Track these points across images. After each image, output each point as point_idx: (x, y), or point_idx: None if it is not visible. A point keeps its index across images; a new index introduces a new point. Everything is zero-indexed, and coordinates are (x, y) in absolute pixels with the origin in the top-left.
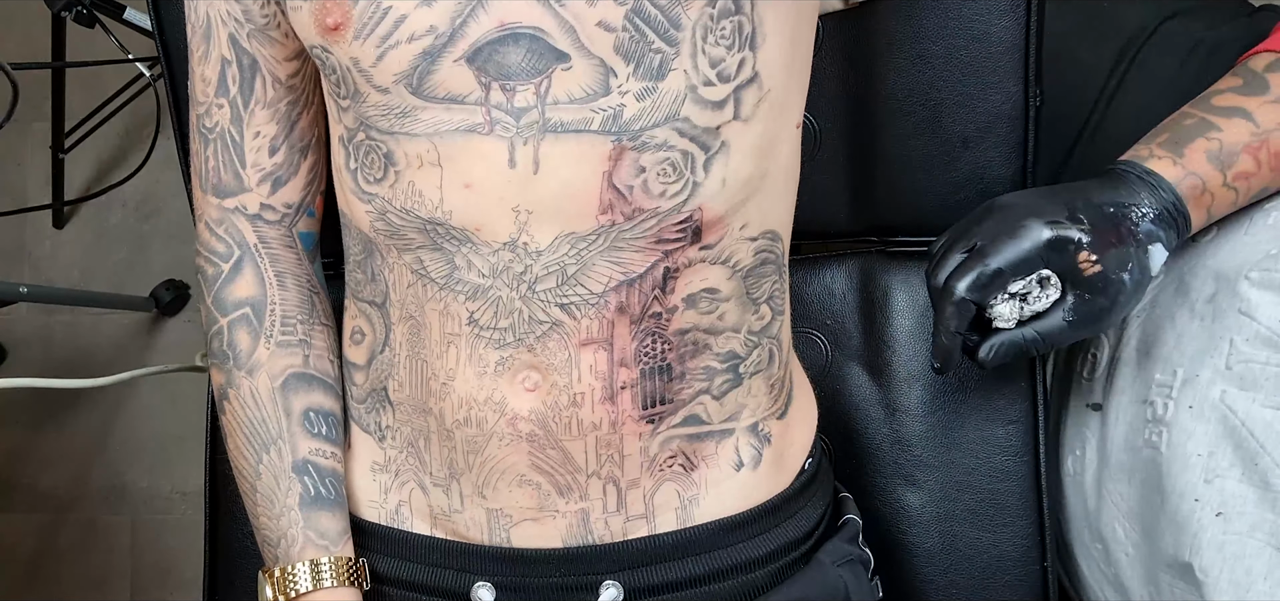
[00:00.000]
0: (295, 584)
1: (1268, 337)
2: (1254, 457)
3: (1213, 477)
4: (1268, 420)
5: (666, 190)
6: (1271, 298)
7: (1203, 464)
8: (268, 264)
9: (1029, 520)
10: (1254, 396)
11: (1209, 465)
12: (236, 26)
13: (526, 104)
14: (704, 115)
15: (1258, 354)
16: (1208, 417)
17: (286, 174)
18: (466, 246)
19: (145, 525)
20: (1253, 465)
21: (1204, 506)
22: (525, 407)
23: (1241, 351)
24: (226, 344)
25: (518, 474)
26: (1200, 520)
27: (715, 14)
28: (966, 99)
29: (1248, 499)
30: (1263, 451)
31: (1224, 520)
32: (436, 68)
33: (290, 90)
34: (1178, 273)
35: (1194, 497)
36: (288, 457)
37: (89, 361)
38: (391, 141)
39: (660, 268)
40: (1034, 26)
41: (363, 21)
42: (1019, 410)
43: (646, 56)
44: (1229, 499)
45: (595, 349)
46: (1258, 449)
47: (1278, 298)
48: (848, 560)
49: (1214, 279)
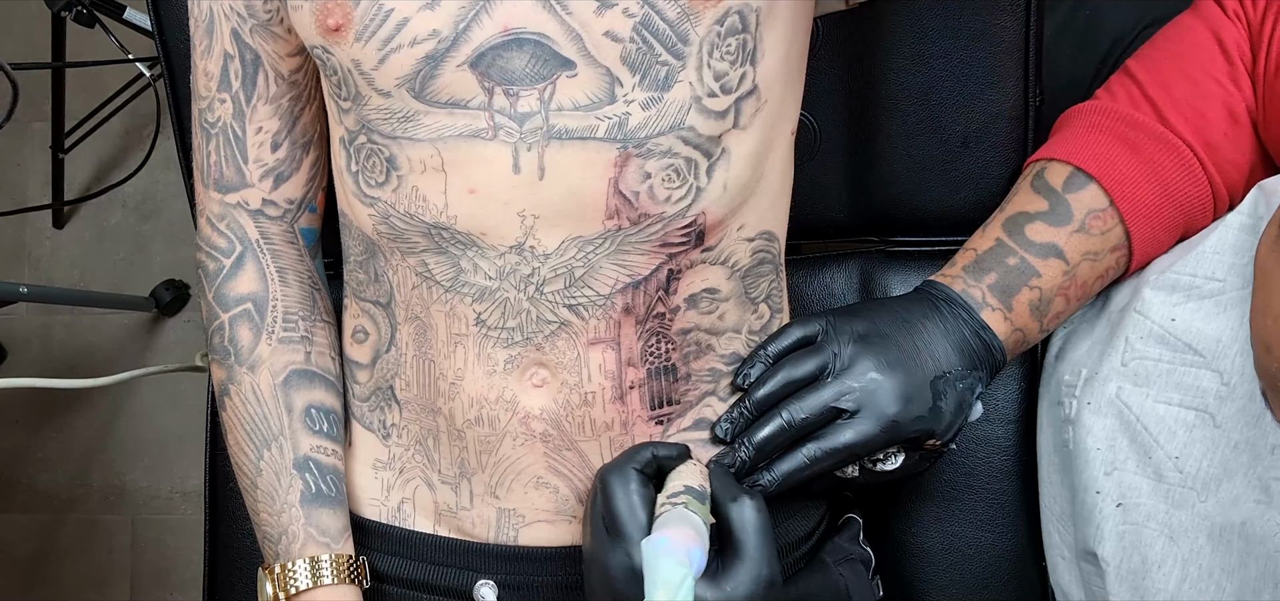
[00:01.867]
0: (295, 580)
1: (1160, 335)
2: (1148, 450)
3: (1112, 470)
4: (1160, 415)
5: (672, 195)
6: (1164, 296)
7: (1103, 457)
8: (269, 259)
9: (1027, 520)
10: (1147, 392)
11: (1108, 458)
12: (239, 21)
13: (530, 109)
14: (707, 124)
15: (1150, 351)
16: (1106, 413)
17: (288, 169)
18: (472, 250)
19: (145, 525)
20: (1147, 458)
21: (1105, 497)
22: (536, 405)
23: (1136, 348)
24: (228, 339)
25: (534, 476)
26: (1103, 511)
27: (722, 32)
28: (966, 99)
29: (1143, 490)
30: (1156, 444)
31: (1123, 510)
32: (439, 72)
33: (293, 86)
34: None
35: (1096, 490)
36: (289, 454)
37: (89, 361)
38: (394, 145)
39: (664, 270)
40: (1034, 26)
41: (364, 23)
42: (1019, 410)
43: (653, 68)
44: (1127, 490)
45: (603, 348)
46: (1151, 442)
47: (1170, 296)
48: (848, 559)
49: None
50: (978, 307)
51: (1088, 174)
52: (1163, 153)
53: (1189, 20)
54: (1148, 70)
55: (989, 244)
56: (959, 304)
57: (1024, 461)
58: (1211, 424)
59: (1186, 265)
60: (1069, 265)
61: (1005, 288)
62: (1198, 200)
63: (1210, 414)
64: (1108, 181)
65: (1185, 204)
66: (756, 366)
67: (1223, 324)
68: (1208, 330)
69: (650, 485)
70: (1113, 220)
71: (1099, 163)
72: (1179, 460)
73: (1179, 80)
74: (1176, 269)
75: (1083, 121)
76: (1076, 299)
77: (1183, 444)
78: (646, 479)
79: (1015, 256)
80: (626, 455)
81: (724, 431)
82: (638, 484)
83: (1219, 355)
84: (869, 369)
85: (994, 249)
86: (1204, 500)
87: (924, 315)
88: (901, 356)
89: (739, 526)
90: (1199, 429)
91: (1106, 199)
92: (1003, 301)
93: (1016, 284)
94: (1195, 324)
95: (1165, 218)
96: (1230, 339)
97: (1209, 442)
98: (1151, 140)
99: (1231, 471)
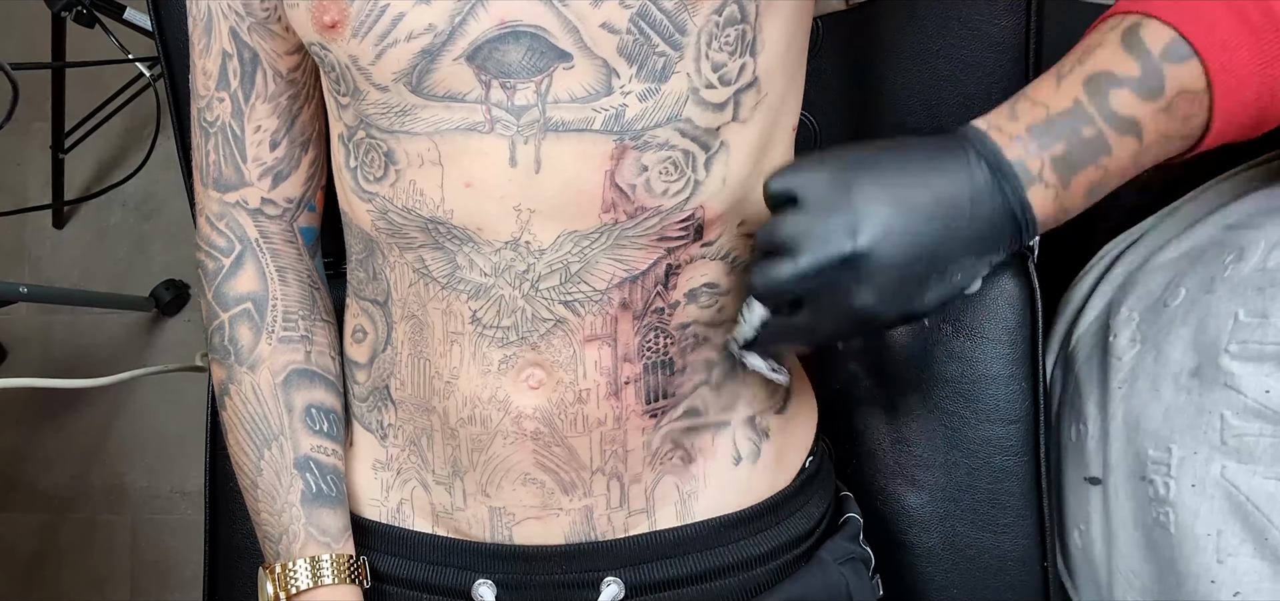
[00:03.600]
0: (296, 580)
1: (1257, 410)
2: (1263, 532)
3: (1225, 557)
4: (1270, 491)
5: (669, 189)
6: (1253, 369)
7: (1213, 543)
8: (269, 259)
9: (1029, 520)
10: (1254, 469)
11: (1220, 544)
12: (237, 20)
13: (527, 102)
14: (705, 116)
15: (1249, 427)
16: (1212, 495)
17: (287, 168)
18: (468, 245)
19: (145, 525)
20: (1263, 540)
21: (1220, 587)
22: (530, 405)
23: (1233, 426)
24: (228, 339)
25: (522, 472)
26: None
27: (721, 22)
28: (967, 99)
29: (1263, 575)
30: (1270, 525)
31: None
32: (436, 66)
33: (291, 84)
34: (1154, 341)
35: (1210, 579)
36: (289, 454)
37: (89, 361)
38: (391, 140)
39: (662, 265)
40: (1034, 26)
41: (360, 19)
42: (1019, 410)
43: (650, 59)
44: (1244, 577)
45: (599, 345)
46: (1265, 523)
47: (1259, 367)
48: (849, 558)
49: (1194, 350)
50: (1029, 183)
51: (1193, 46)
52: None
53: None
54: None
55: (1065, 104)
56: (1008, 173)
57: (1025, 462)
58: None
59: (1268, 333)
60: (1142, 145)
61: (1071, 162)
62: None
63: None
64: (1215, 67)
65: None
66: None
67: None
68: None
69: None
70: (1201, 109)
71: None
72: None
73: None
74: (1258, 339)
75: None
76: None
77: None
78: None
79: (1093, 127)
80: None
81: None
82: None
83: None
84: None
85: (1071, 111)
86: None
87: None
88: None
89: None
90: None
91: (1204, 82)
92: (1062, 178)
93: (1084, 160)
94: None
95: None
96: None
97: None
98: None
99: None
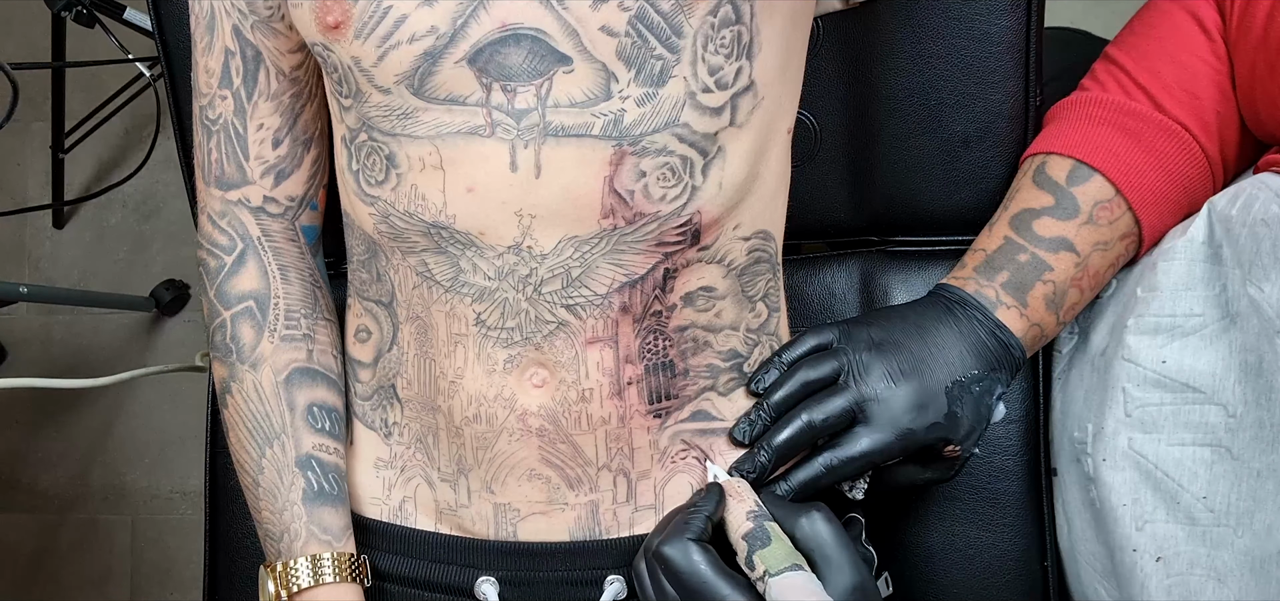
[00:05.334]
0: (297, 578)
1: (1155, 380)
2: (1174, 496)
3: (1143, 524)
4: (1176, 457)
5: (667, 194)
6: (1148, 340)
7: (1130, 513)
8: (271, 257)
9: (1029, 520)
10: (1158, 437)
11: (1136, 513)
12: (240, 18)
13: (527, 106)
14: (702, 121)
15: (1150, 396)
16: (1123, 467)
17: (289, 167)
18: (471, 250)
19: (145, 525)
20: (1175, 503)
21: (1143, 554)
22: (534, 403)
23: (1135, 397)
24: (229, 337)
25: (527, 468)
26: (1144, 569)
27: (716, 23)
28: (966, 99)
29: (1179, 538)
30: (1181, 488)
31: (1164, 564)
32: (438, 68)
33: (294, 82)
34: (1084, 328)
35: (1133, 548)
36: (291, 452)
37: (89, 361)
38: (393, 143)
39: (661, 269)
40: (1034, 26)
41: (363, 21)
42: (1019, 410)
43: (648, 62)
44: (1163, 542)
45: (601, 347)
46: (1176, 487)
47: (1154, 340)
48: None
49: (1109, 331)
50: (992, 307)
51: (1090, 166)
52: (1163, 139)
53: (1164, 4)
54: (1133, 57)
55: (997, 243)
56: (973, 305)
57: (1025, 461)
58: (1229, 457)
59: (1161, 305)
60: (1080, 256)
61: (1018, 284)
62: (1199, 182)
63: (1225, 447)
64: (1113, 172)
65: (1189, 186)
66: (772, 372)
67: (1213, 357)
68: (1200, 366)
69: (711, 547)
70: (1120, 209)
71: (1101, 154)
72: (1207, 499)
73: (1167, 65)
74: (1152, 311)
75: (1077, 113)
76: (1090, 288)
77: (1206, 481)
78: (705, 543)
79: (1025, 253)
80: (675, 530)
81: (742, 433)
82: (701, 554)
83: (1218, 388)
84: (882, 376)
85: (1003, 247)
86: (1240, 535)
87: (938, 319)
88: (915, 363)
89: (818, 542)
90: (1219, 464)
91: (1112, 189)
92: (1017, 298)
93: (1030, 279)
94: (1186, 362)
95: (1171, 202)
96: (1224, 370)
97: (1233, 476)
98: (1151, 127)
99: (1260, 500)
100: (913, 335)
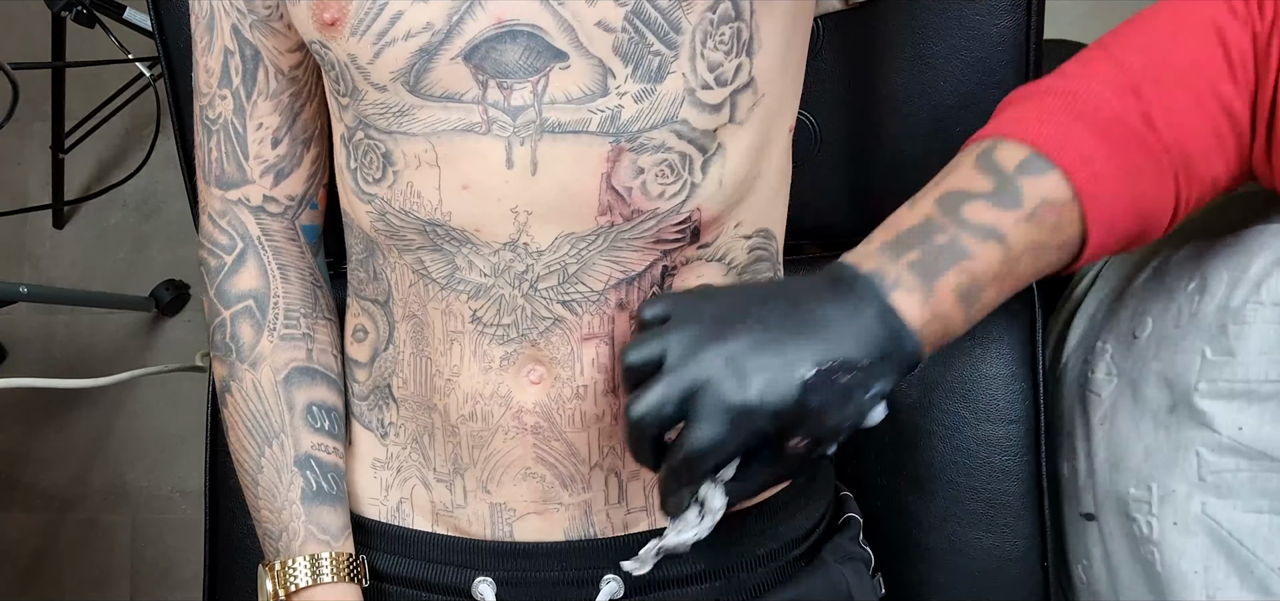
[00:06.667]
0: (295, 577)
1: (1232, 446)
2: (1248, 566)
3: (1214, 592)
4: (1251, 525)
5: (665, 191)
6: (1223, 405)
7: (1201, 580)
8: (271, 256)
9: (1029, 520)
10: (1234, 503)
11: (1207, 580)
12: (239, 17)
13: (523, 103)
14: (702, 118)
15: (1226, 462)
16: (1194, 532)
17: (289, 166)
18: (467, 247)
19: (145, 525)
20: (1249, 573)
21: None
22: (530, 400)
23: (1209, 462)
24: (229, 336)
25: (522, 467)
26: None
27: (715, 19)
28: (967, 99)
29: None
30: (1255, 558)
31: None
32: (433, 65)
33: (293, 82)
34: (1129, 378)
35: None
36: (290, 452)
37: (89, 361)
38: (390, 141)
39: (659, 266)
40: (1035, 26)
41: (359, 17)
42: (1019, 410)
43: (645, 58)
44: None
45: (597, 343)
46: (1250, 556)
47: (1229, 404)
48: (849, 558)
49: (1167, 387)
50: (888, 289)
51: (1050, 161)
52: (1144, 159)
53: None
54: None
55: (915, 220)
56: (864, 283)
57: (1026, 463)
58: None
59: (1234, 371)
60: (1010, 253)
61: (928, 268)
62: (1159, 215)
63: None
64: (1078, 176)
65: (1147, 218)
66: None
67: None
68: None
69: None
70: (1071, 216)
71: (1070, 152)
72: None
73: (1177, 89)
74: (1226, 376)
75: (1052, 101)
76: (1008, 292)
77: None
78: None
79: (945, 234)
80: None
81: None
82: None
83: None
84: (719, 357)
85: (920, 226)
86: None
87: (816, 295)
88: (769, 342)
89: None
90: None
91: (1069, 192)
92: (923, 282)
93: (943, 264)
94: (1264, 430)
95: (1124, 228)
96: None
97: None
98: (1135, 143)
99: None
100: (777, 311)
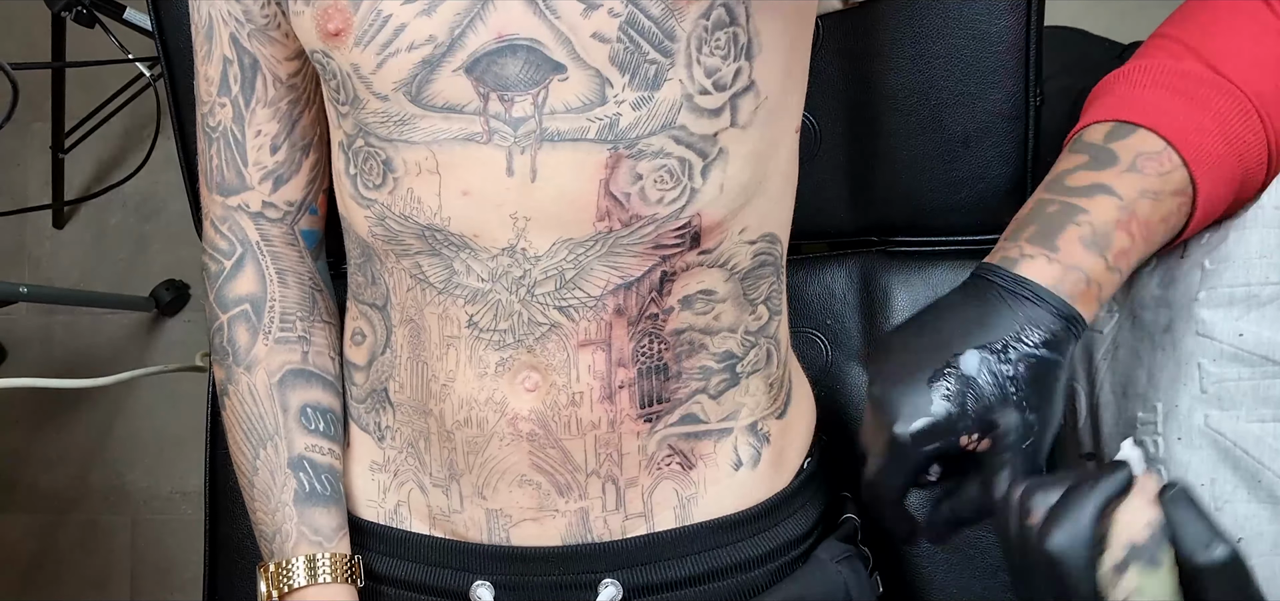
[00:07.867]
0: (290, 578)
1: (1232, 353)
2: (1255, 474)
3: (1222, 504)
4: (1257, 434)
5: (664, 197)
6: (1223, 313)
7: (1208, 492)
8: (269, 261)
9: None
10: (1237, 414)
11: (1214, 492)
12: (237, 26)
13: (524, 114)
14: (701, 123)
15: (1227, 371)
16: (1199, 445)
17: (288, 172)
18: (465, 252)
19: (145, 525)
20: (1256, 483)
21: None
22: (525, 407)
23: (1211, 372)
24: (227, 340)
25: (518, 474)
26: None
27: (710, 25)
28: (966, 99)
29: (1261, 518)
30: (1262, 467)
31: (1245, 545)
32: (435, 77)
33: (291, 89)
34: (1129, 308)
35: None
36: (283, 453)
37: (89, 361)
38: (390, 149)
39: (658, 272)
40: (1035, 26)
41: (363, 28)
42: None
43: (642, 66)
44: (1243, 522)
45: (593, 350)
46: (1256, 465)
47: (1229, 312)
48: (847, 558)
49: (1166, 307)
50: (1013, 265)
51: (1133, 123)
52: (1220, 98)
53: None
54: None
55: (1027, 210)
56: (988, 270)
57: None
58: None
59: (1234, 276)
60: (1122, 200)
61: (1045, 232)
62: (1256, 151)
63: None
64: (1162, 127)
65: (1245, 155)
66: None
67: None
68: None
69: None
70: (1172, 162)
71: (1147, 112)
72: None
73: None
74: (1226, 282)
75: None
76: (1141, 237)
77: None
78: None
79: (1054, 205)
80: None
81: None
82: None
83: None
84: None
85: (1032, 210)
86: None
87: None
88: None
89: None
90: None
91: (1161, 142)
92: (1044, 245)
93: (1059, 224)
94: (1264, 334)
95: (1227, 168)
96: None
97: None
98: (1206, 87)
99: None
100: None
